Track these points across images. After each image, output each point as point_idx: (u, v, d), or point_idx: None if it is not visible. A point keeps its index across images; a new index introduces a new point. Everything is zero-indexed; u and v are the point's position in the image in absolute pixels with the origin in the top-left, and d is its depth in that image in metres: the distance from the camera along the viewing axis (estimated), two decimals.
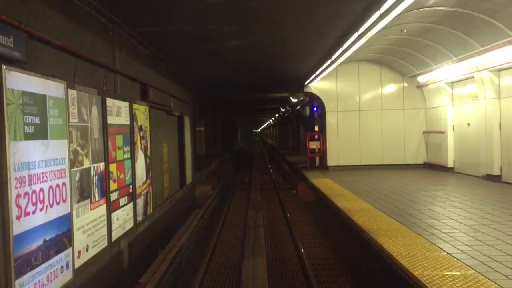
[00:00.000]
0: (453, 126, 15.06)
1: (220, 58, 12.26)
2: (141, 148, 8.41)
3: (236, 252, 9.13)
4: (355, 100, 17.67)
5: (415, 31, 12.31)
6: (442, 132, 15.45)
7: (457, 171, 14.82)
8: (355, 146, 17.47)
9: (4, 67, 3.73)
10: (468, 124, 13.97)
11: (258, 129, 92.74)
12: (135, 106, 8.02)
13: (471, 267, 5.06)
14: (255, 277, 7.08)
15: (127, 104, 7.51)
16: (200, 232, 10.90)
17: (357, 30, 8.87)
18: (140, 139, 8.39)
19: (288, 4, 7.45)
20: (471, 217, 7.96)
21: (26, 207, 4.01)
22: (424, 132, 17.06)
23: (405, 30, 12.31)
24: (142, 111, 8.57)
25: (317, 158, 18.84)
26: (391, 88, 17.52)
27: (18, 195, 3.88)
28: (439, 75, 14.38)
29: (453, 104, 15.05)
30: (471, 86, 13.50)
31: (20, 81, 3.99)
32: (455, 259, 5.39)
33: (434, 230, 7.04)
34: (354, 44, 9.90)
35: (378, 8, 7.36)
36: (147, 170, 8.80)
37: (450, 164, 15.14)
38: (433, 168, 16.16)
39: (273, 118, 53.97)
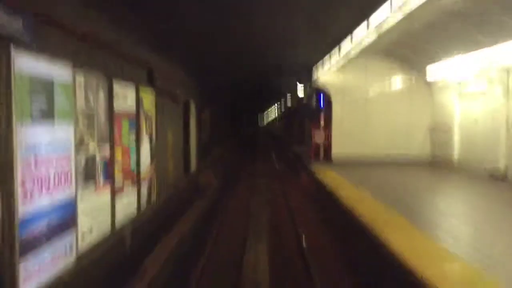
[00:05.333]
0: (459, 122, 14.92)
1: (226, 43, 12.15)
2: (146, 133, 8.41)
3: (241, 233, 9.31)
4: (362, 93, 17.55)
5: (426, 23, 12.06)
6: (448, 128, 15.34)
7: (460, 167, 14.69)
8: (360, 139, 17.37)
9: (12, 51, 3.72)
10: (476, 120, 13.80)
11: (263, 122, 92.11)
12: (141, 90, 8.00)
13: None
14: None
15: (133, 88, 7.50)
16: (204, 220, 10.92)
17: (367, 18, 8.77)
18: (146, 125, 8.39)
19: None
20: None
21: (31, 189, 4.03)
22: (429, 128, 16.95)
23: (416, 23, 12.09)
24: (148, 96, 8.55)
25: (321, 150, 18.80)
26: (399, 81, 17.38)
27: (24, 177, 3.90)
28: (448, 69, 14.14)
29: (460, 101, 14.89)
30: (480, 84, 13.31)
31: (28, 64, 3.99)
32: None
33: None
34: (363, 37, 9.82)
35: None
36: (152, 156, 8.81)
37: (455, 160, 15.03)
38: (438, 164, 16.05)
39: (278, 110, 54.35)
